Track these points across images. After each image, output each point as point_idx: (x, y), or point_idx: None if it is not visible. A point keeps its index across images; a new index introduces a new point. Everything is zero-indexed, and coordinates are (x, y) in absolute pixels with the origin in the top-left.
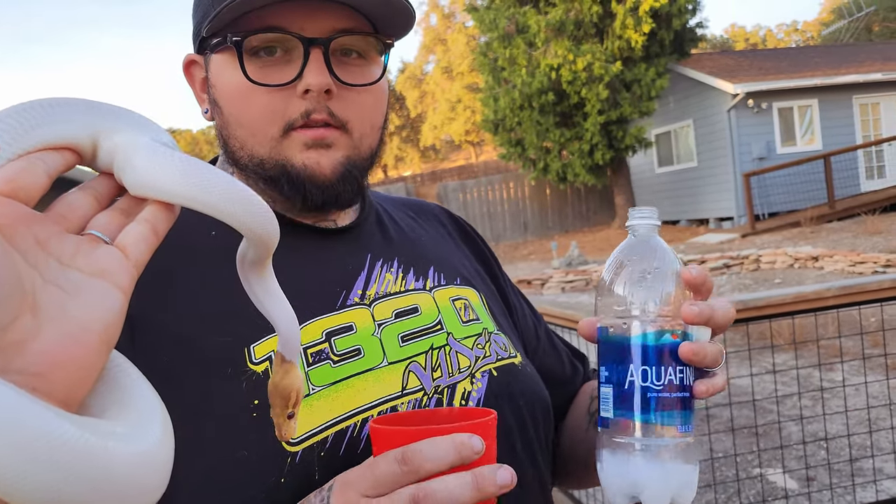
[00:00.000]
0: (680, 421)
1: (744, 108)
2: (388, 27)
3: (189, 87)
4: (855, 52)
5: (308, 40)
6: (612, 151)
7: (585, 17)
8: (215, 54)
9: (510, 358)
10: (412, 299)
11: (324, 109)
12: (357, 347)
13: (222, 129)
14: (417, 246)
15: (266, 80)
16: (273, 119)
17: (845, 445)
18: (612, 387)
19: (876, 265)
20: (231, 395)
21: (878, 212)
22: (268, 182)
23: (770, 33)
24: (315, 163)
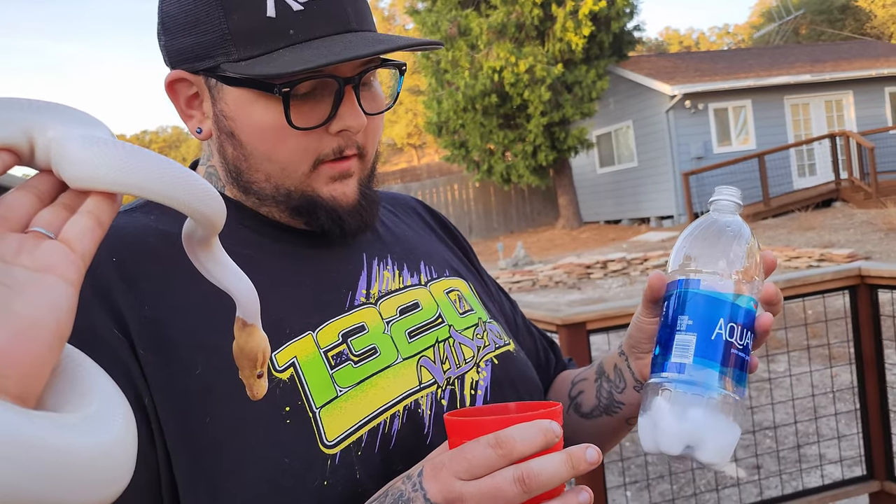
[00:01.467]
0: (744, 382)
1: (681, 108)
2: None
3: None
4: (785, 55)
5: (343, 80)
6: (555, 152)
7: (526, 19)
8: (234, 88)
9: (506, 346)
10: (412, 295)
11: (354, 145)
12: (373, 346)
13: (238, 160)
14: (404, 241)
15: (302, 123)
16: (306, 157)
17: (791, 433)
18: (695, 335)
19: (811, 259)
20: (265, 404)
21: (810, 208)
22: (293, 211)
23: (703, 36)
24: (341, 194)
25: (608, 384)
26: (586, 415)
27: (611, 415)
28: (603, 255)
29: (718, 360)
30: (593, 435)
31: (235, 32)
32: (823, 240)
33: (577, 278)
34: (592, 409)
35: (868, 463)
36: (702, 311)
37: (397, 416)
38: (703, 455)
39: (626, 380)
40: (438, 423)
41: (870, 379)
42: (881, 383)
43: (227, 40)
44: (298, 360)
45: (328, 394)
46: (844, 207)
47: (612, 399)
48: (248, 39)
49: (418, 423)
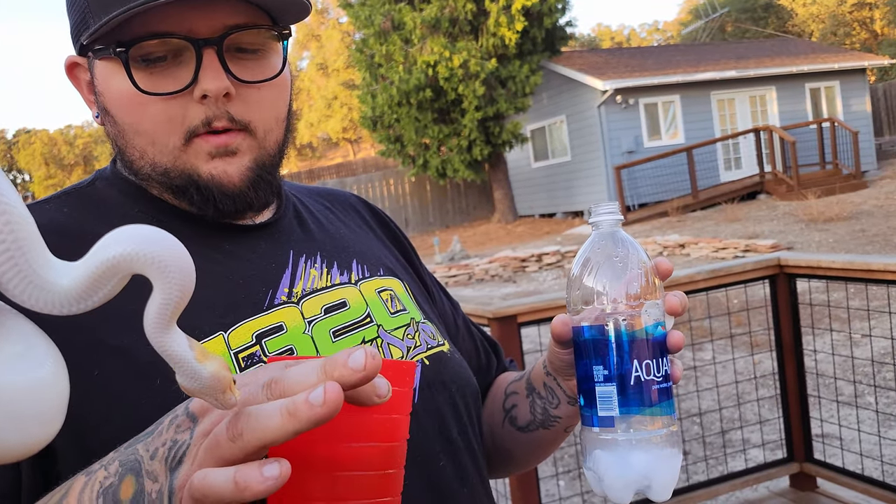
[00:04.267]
0: (672, 409)
1: (612, 103)
2: (282, 16)
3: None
4: (712, 51)
5: (199, 42)
6: (490, 147)
7: (460, 14)
8: (100, 61)
9: (439, 346)
10: (339, 294)
11: (224, 115)
12: (289, 347)
13: (117, 137)
14: (337, 238)
15: (158, 89)
16: (172, 128)
17: (716, 419)
18: (614, 385)
19: (736, 250)
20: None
21: (736, 200)
22: (176, 191)
23: (634, 32)
24: (222, 172)
25: (541, 400)
26: (522, 428)
27: (548, 428)
28: (538, 248)
29: (643, 402)
30: (532, 445)
31: (92, 3)
32: (748, 231)
33: (513, 272)
34: (528, 424)
35: (788, 446)
36: (614, 357)
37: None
38: (655, 494)
39: (558, 396)
40: None
41: (789, 365)
42: (800, 369)
43: (88, 13)
44: None
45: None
46: (768, 200)
47: (548, 414)
48: (102, 8)
49: None
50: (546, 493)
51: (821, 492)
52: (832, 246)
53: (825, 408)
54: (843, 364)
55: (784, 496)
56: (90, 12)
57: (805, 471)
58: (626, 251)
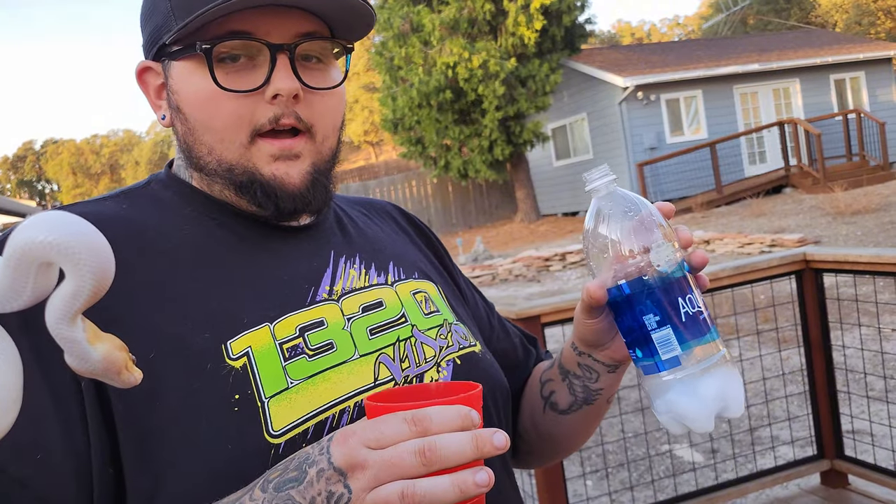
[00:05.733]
0: (717, 332)
1: (634, 100)
2: (347, 31)
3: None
4: (734, 45)
5: (275, 46)
6: (511, 147)
7: (479, 14)
8: (178, 61)
9: (471, 347)
10: (376, 294)
11: (292, 114)
12: (330, 341)
13: (186, 135)
14: (375, 242)
15: (234, 87)
16: (240, 126)
17: (745, 417)
18: (668, 327)
19: (762, 245)
20: (215, 391)
21: (761, 195)
22: (239, 189)
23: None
24: (284, 174)
25: (578, 380)
26: (565, 411)
27: (591, 403)
28: (561, 247)
29: (698, 333)
30: (577, 424)
31: (176, 7)
32: (774, 225)
33: (537, 271)
34: (571, 405)
35: (818, 443)
36: (661, 302)
37: (347, 411)
38: (732, 412)
39: (596, 370)
40: None
41: (817, 361)
42: (828, 365)
43: (170, 17)
44: (253, 350)
45: (279, 385)
46: (794, 193)
47: (589, 390)
48: (184, 12)
49: None
50: (574, 493)
51: (852, 489)
52: (860, 239)
53: (855, 403)
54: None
55: (815, 493)
56: (173, 16)
57: (836, 468)
58: (634, 204)
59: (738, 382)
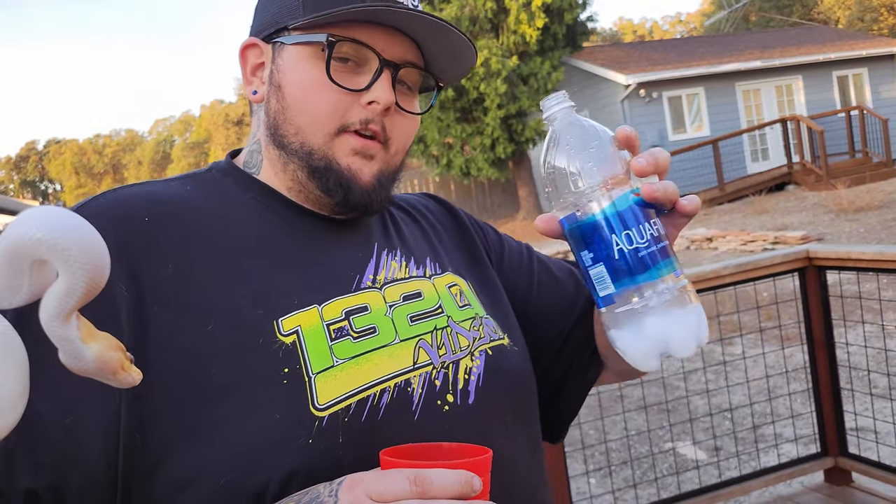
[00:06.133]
0: (672, 268)
1: (636, 97)
2: (441, 71)
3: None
4: (736, 42)
5: (384, 60)
6: (513, 145)
7: (480, 12)
8: (294, 46)
9: (500, 339)
10: (416, 285)
11: (379, 123)
12: (373, 326)
13: (278, 112)
14: (413, 239)
15: (342, 83)
16: (333, 117)
17: (748, 414)
18: (602, 264)
19: (765, 242)
20: (266, 364)
21: (764, 192)
22: (312, 172)
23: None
24: (358, 168)
25: None
26: None
27: None
28: (564, 245)
29: (635, 271)
30: None
31: (307, 1)
32: (777, 223)
33: None
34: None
35: (822, 440)
36: (591, 239)
37: (387, 391)
38: (679, 352)
39: None
40: (428, 401)
41: (821, 358)
42: (832, 362)
43: (298, 7)
44: (302, 329)
45: (325, 362)
46: (797, 190)
47: None
48: (314, 6)
49: (407, 399)
50: (577, 490)
51: (856, 486)
52: (863, 236)
53: (859, 401)
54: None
55: (819, 491)
56: (302, 7)
57: (840, 465)
58: (583, 134)
59: (685, 322)
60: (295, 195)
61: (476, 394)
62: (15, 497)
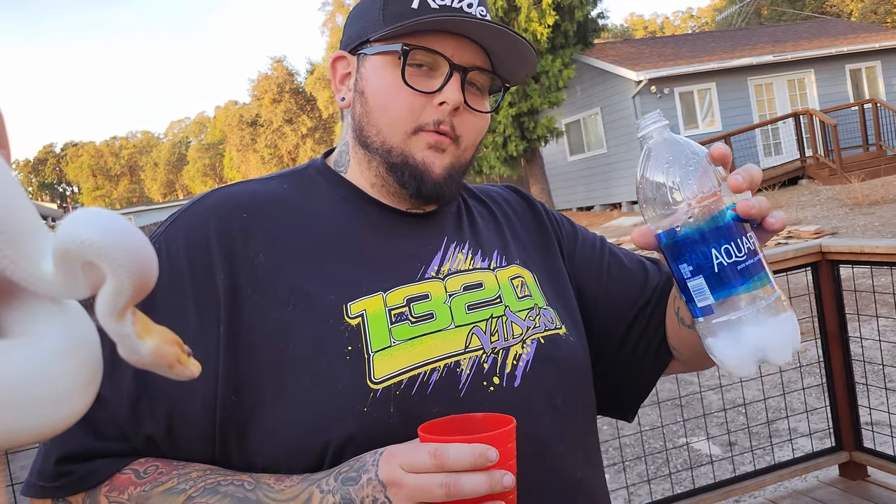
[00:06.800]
0: (767, 279)
1: (647, 94)
2: (508, 73)
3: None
4: (747, 36)
5: (454, 65)
6: (525, 142)
7: (491, 11)
8: (375, 56)
9: (556, 329)
10: (478, 276)
11: (449, 122)
12: (430, 312)
13: (362, 116)
14: (485, 232)
15: (415, 86)
16: (410, 118)
17: (762, 409)
18: (701, 276)
19: (778, 237)
20: (334, 341)
21: (777, 187)
22: (390, 168)
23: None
24: (431, 161)
25: None
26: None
27: None
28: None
29: (735, 282)
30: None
31: (386, 16)
32: (791, 217)
33: None
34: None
35: (836, 434)
36: (691, 252)
37: (437, 370)
38: (777, 359)
39: None
40: (475, 381)
41: (834, 352)
42: (846, 356)
43: (379, 22)
44: (367, 313)
45: (384, 343)
46: (810, 184)
47: None
48: (392, 21)
49: (455, 378)
50: None
51: (871, 480)
52: (878, 229)
53: (874, 395)
54: (891, 350)
55: (834, 485)
56: (383, 21)
57: (855, 459)
58: (679, 151)
59: (782, 330)
60: (378, 191)
61: (522, 378)
62: (138, 441)
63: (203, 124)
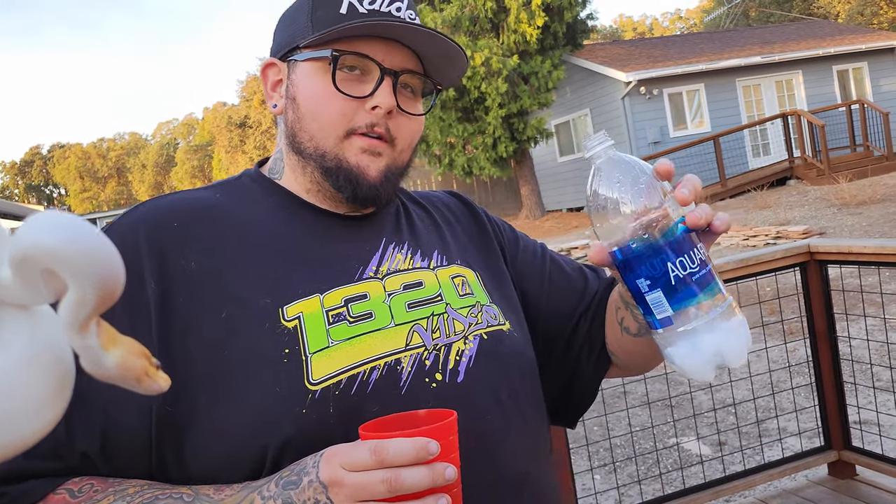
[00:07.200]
0: (719, 287)
1: (636, 95)
2: (440, 75)
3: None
4: (735, 38)
5: (385, 69)
6: (515, 143)
7: (480, 12)
8: (305, 62)
9: (499, 325)
10: (418, 275)
11: (383, 125)
12: (369, 311)
13: (295, 122)
14: (424, 234)
15: (346, 91)
16: (342, 121)
17: (751, 409)
18: (659, 290)
19: (767, 237)
20: (271, 346)
21: (765, 187)
22: (325, 172)
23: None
24: (366, 165)
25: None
26: (637, 334)
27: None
28: (567, 242)
29: (691, 293)
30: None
31: (315, 22)
32: (780, 217)
33: None
34: (639, 330)
35: (825, 434)
36: (650, 267)
37: (377, 368)
38: (732, 363)
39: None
40: (416, 378)
41: (823, 352)
42: (834, 356)
43: (308, 28)
44: (304, 315)
45: (321, 343)
46: (798, 185)
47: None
48: (321, 26)
49: (396, 376)
50: (582, 487)
51: (860, 479)
52: (865, 229)
53: (862, 394)
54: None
55: (823, 484)
56: (311, 27)
57: (843, 458)
58: (628, 169)
59: (736, 335)
60: (314, 196)
61: (466, 373)
62: (72, 458)
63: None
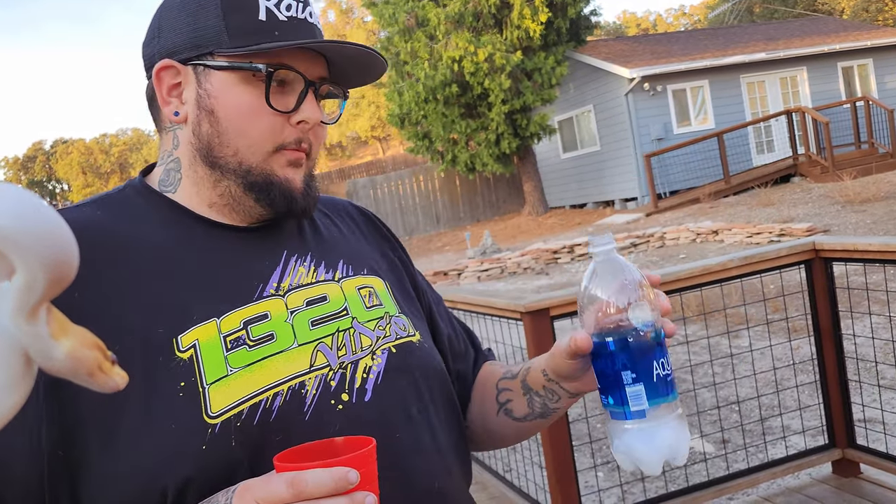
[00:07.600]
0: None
1: (640, 91)
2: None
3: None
4: (740, 34)
5: (308, 81)
6: (518, 140)
7: (483, 8)
8: (221, 72)
9: (409, 337)
10: (322, 289)
11: (307, 139)
12: (271, 333)
13: (213, 136)
14: (329, 242)
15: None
16: (271, 138)
17: (755, 407)
18: (642, 384)
19: (771, 235)
20: (165, 379)
21: (769, 184)
22: (249, 187)
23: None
24: (292, 178)
25: (539, 398)
26: (520, 419)
27: (546, 417)
28: (569, 239)
29: (664, 392)
30: (528, 430)
31: (231, 28)
32: (783, 215)
33: (545, 264)
34: (526, 416)
35: (829, 432)
36: (639, 361)
37: (280, 394)
38: (678, 461)
39: (559, 394)
40: (322, 401)
41: (828, 350)
42: (839, 354)
43: (223, 34)
44: (199, 343)
45: (219, 372)
46: (802, 182)
47: (547, 408)
48: (241, 34)
49: (300, 401)
50: (585, 484)
51: (864, 477)
52: (870, 227)
53: (867, 392)
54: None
55: (827, 483)
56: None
57: (848, 457)
58: (627, 269)
59: (686, 436)
60: (217, 210)
61: (374, 391)
62: None
63: None
